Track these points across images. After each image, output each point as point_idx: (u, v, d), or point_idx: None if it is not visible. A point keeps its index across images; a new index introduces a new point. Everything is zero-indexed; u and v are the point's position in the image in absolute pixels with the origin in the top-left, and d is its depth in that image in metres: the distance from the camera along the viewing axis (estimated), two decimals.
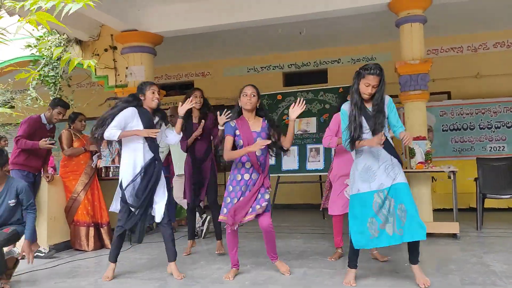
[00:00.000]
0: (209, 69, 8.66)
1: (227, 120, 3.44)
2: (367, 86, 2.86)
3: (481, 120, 6.86)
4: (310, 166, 5.91)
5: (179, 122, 3.51)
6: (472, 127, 6.90)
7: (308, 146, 5.85)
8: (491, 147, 6.79)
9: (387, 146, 2.90)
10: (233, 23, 5.64)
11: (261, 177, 3.21)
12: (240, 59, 8.35)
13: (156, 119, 3.49)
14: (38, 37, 6.18)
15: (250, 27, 5.86)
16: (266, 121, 3.30)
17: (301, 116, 5.94)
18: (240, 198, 3.19)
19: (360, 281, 3.08)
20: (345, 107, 3.03)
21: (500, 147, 6.75)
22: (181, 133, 3.59)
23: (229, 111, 3.53)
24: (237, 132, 3.23)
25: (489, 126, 6.82)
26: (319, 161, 5.85)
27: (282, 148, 3.30)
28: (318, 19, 5.71)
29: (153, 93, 3.40)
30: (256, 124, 3.28)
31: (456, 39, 7.32)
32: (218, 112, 3.73)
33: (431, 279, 2.97)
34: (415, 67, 4.82)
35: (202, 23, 5.68)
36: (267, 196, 3.23)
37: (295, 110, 3.17)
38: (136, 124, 3.34)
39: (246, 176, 3.21)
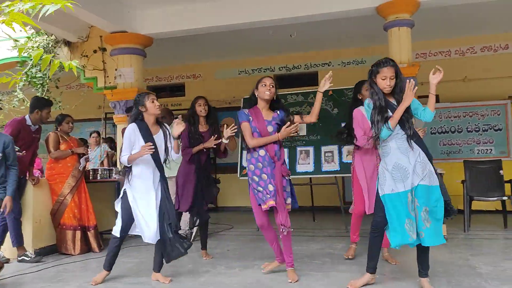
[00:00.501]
0: (200, 71, 8.65)
1: (231, 134, 3.51)
2: (384, 79, 2.84)
3: (469, 123, 6.94)
4: (300, 168, 5.90)
5: (175, 143, 3.45)
6: (460, 130, 6.98)
7: (298, 149, 5.84)
8: (479, 150, 6.87)
9: (418, 140, 2.86)
10: (224, 25, 5.64)
11: (278, 165, 3.19)
12: (231, 62, 8.35)
13: (160, 133, 3.39)
14: (16, 40, 6.04)
15: (241, 29, 5.87)
16: (278, 111, 3.32)
17: None
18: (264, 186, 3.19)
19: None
20: (369, 101, 2.97)
21: (487, 149, 6.84)
22: (180, 152, 3.56)
23: (235, 126, 3.53)
24: (250, 118, 3.27)
25: (477, 129, 6.90)
26: (308, 163, 5.85)
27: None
28: (308, 22, 5.74)
29: (153, 101, 3.33)
30: (268, 114, 3.32)
31: (444, 43, 7.40)
32: (224, 126, 3.69)
33: (417, 281, 2.99)
34: (403, 71, 4.74)
35: (192, 25, 5.67)
36: (288, 189, 3.24)
37: (325, 84, 3.24)
38: (138, 139, 3.28)
39: (261, 165, 3.22)
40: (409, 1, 4.87)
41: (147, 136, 3.29)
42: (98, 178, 5.07)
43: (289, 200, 3.24)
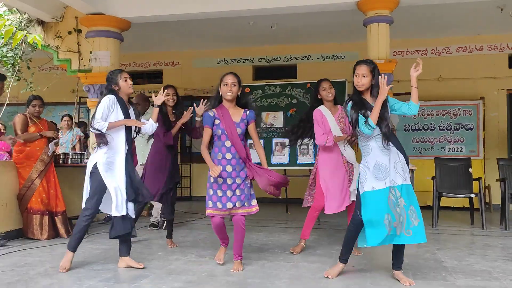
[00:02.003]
0: (179, 59, 8.51)
1: (206, 109, 3.34)
2: (356, 77, 2.96)
3: (441, 121, 7.12)
4: (275, 160, 5.92)
5: (155, 111, 3.43)
6: (432, 128, 7.15)
7: (274, 140, 5.86)
8: (450, 148, 7.06)
9: (394, 141, 2.93)
10: (204, 13, 5.56)
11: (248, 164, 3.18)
12: (210, 51, 8.25)
13: (132, 109, 3.37)
14: None
15: (221, 18, 5.79)
16: (247, 112, 3.21)
17: (268, 110, 6.04)
18: (226, 191, 3.20)
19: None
20: (349, 103, 3.03)
21: (458, 148, 7.04)
22: (157, 123, 3.49)
23: (206, 100, 3.45)
24: (216, 122, 3.14)
25: (449, 128, 7.09)
26: (284, 155, 5.87)
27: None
28: (289, 14, 5.73)
29: (126, 80, 3.30)
30: (236, 114, 3.19)
31: (421, 42, 7.54)
32: (194, 104, 3.62)
33: (384, 273, 3.06)
34: (380, 67, 4.77)
35: (171, 10, 5.56)
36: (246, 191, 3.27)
37: None
38: (116, 112, 3.22)
39: (229, 168, 3.15)
40: None
41: (126, 112, 3.27)
42: (69, 162, 4.94)
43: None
